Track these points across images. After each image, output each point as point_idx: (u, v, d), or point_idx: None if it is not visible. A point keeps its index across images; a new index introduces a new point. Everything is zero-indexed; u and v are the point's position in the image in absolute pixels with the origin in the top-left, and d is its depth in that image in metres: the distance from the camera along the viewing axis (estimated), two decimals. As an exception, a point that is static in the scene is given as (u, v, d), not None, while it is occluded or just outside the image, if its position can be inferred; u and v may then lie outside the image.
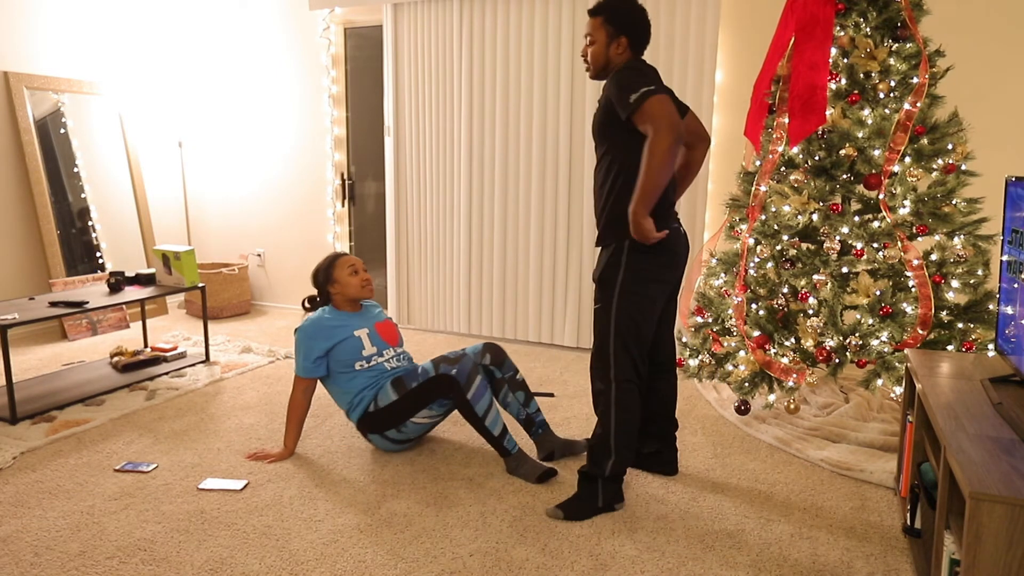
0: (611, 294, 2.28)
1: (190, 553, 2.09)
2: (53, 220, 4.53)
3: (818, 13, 2.75)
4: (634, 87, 2.09)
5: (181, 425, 3.06)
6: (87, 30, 4.76)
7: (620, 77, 2.16)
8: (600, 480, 2.31)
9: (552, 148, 4.15)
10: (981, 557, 1.39)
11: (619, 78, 2.16)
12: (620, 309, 2.27)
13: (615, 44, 2.26)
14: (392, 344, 2.82)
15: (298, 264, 5.23)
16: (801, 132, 2.76)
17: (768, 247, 2.97)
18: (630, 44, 2.26)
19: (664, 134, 2.02)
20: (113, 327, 4.68)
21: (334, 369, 2.71)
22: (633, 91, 2.08)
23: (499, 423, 2.57)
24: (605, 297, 2.30)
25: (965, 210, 2.78)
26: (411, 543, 2.15)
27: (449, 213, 4.54)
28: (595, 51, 2.29)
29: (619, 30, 2.25)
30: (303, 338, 2.70)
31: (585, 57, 2.33)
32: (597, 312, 2.33)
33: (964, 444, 1.58)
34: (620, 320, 2.27)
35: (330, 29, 4.81)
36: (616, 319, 2.27)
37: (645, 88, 2.07)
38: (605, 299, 2.29)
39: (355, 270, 2.79)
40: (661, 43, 3.79)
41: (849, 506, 2.40)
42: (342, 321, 2.75)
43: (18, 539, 2.16)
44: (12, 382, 3.07)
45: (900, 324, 2.75)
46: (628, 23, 2.25)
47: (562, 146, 4.11)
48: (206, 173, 5.42)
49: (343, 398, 2.74)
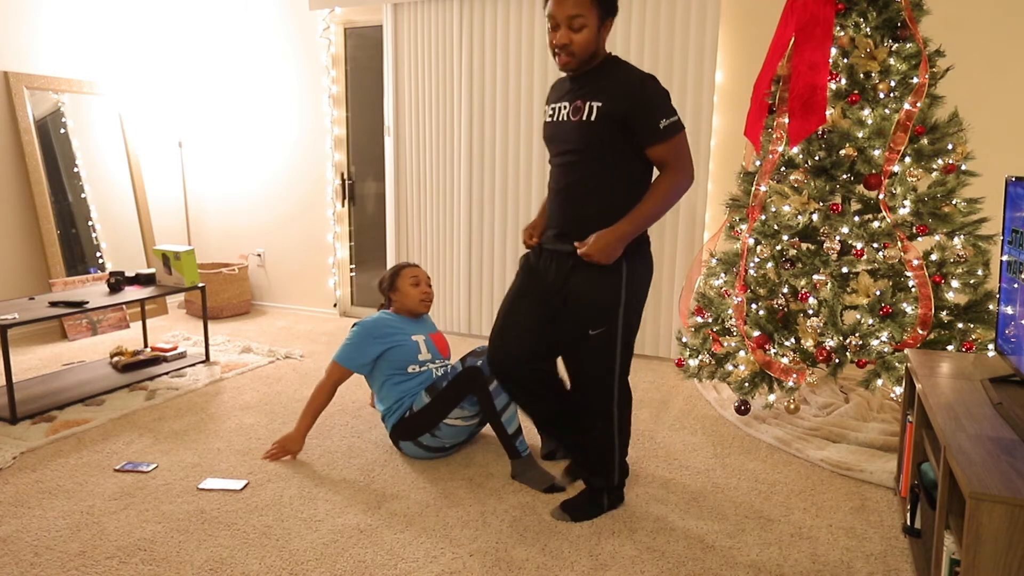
0: (615, 318, 2.09)
1: (190, 553, 2.09)
2: (53, 220, 4.53)
3: (818, 13, 2.75)
4: (667, 112, 1.89)
5: (181, 425, 3.06)
6: (87, 30, 4.76)
7: (651, 94, 1.90)
8: (607, 490, 2.31)
9: (552, 148, 4.14)
10: (981, 557, 1.39)
11: (651, 95, 1.90)
12: (625, 336, 2.12)
13: (605, 29, 1.96)
14: (444, 356, 2.84)
15: (298, 264, 5.23)
16: (801, 132, 2.76)
17: (768, 247, 2.97)
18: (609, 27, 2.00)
19: (682, 178, 1.93)
20: (113, 327, 4.68)
21: (386, 369, 2.72)
22: (665, 116, 1.88)
23: (515, 422, 2.56)
24: (608, 321, 2.09)
25: (965, 210, 2.78)
26: (411, 543, 2.15)
27: (449, 213, 4.54)
28: (586, 38, 1.92)
29: (609, 11, 1.94)
30: (361, 332, 2.71)
31: (563, 47, 1.94)
32: (596, 339, 2.10)
33: (964, 444, 1.58)
34: (625, 348, 2.14)
35: (330, 29, 4.81)
36: (622, 346, 2.13)
37: (677, 117, 1.91)
38: (608, 323, 2.09)
39: (416, 282, 2.81)
40: (661, 43, 3.79)
41: (849, 506, 2.40)
42: (402, 325, 2.77)
43: (18, 539, 2.16)
44: (12, 382, 3.07)
45: (900, 324, 2.75)
46: (615, 3, 1.97)
47: (562, 146, 4.11)
48: (206, 173, 5.42)
49: (387, 399, 2.74)
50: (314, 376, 3.75)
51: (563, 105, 2.07)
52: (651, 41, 3.81)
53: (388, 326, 2.74)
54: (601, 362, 2.14)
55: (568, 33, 1.91)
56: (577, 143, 2.01)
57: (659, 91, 1.92)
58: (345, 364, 2.70)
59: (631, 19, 3.84)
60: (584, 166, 2.02)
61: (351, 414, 3.19)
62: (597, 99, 1.95)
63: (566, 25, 1.91)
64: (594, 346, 2.12)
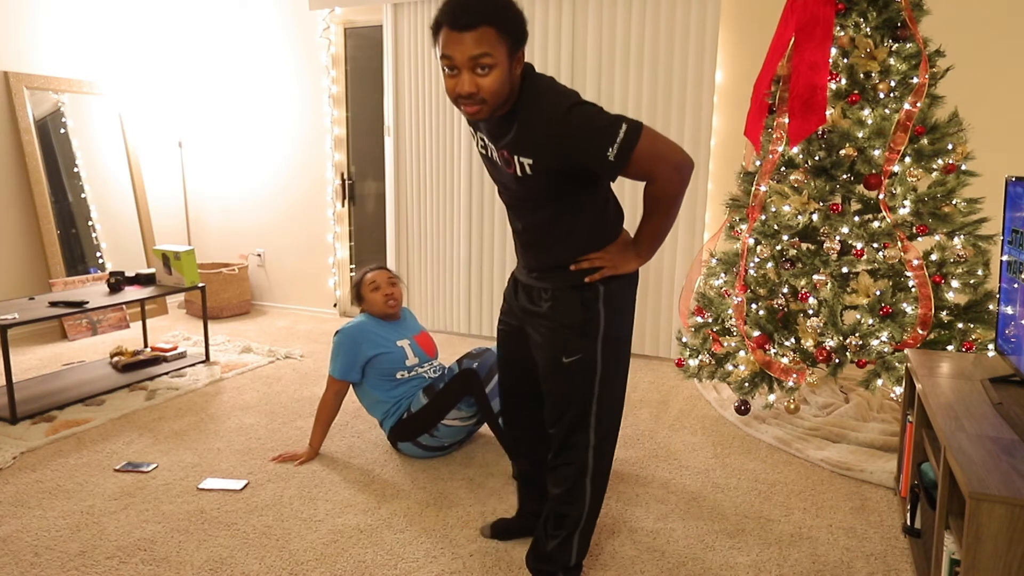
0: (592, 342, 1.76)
1: (190, 553, 2.09)
2: (53, 220, 4.53)
3: (818, 13, 2.75)
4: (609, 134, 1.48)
5: (181, 425, 3.06)
6: (87, 30, 4.76)
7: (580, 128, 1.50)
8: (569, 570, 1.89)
9: (552, 148, 4.14)
10: (981, 557, 1.39)
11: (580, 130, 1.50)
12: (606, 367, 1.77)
13: (516, 63, 1.54)
14: (431, 356, 2.83)
15: (298, 264, 5.23)
16: (801, 132, 2.75)
17: (768, 247, 2.97)
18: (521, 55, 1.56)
19: (675, 171, 1.53)
20: (113, 327, 4.68)
21: (374, 377, 2.70)
22: (609, 143, 1.48)
23: None
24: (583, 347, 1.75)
25: (965, 210, 2.78)
26: (411, 543, 2.15)
27: (449, 213, 4.54)
28: (497, 80, 1.49)
29: (520, 39, 1.52)
30: (345, 341, 2.69)
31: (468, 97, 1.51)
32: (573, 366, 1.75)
33: (964, 444, 1.58)
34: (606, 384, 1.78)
35: (330, 29, 4.81)
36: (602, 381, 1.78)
37: (622, 133, 1.48)
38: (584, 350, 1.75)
39: (376, 287, 2.79)
40: (661, 43, 3.80)
41: (849, 506, 2.40)
42: (384, 331, 2.75)
43: (18, 539, 2.16)
44: (12, 382, 3.07)
45: (900, 324, 2.75)
46: (523, 31, 1.53)
47: (562, 146, 4.10)
48: (206, 173, 5.42)
49: (379, 407, 2.73)
50: (314, 376, 3.75)
51: (490, 146, 1.69)
52: (651, 41, 3.81)
53: (371, 331, 2.72)
54: (571, 402, 1.77)
55: (473, 79, 1.49)
56: (520, 192, 1.69)
57: (587, 118, 1.51)
58: (343, 377, 2.69)
59: (631, 19, 3.84)
60: (538, 211, 1.71)
61: (351, 414, 3.19)
62: (524, 155, 1.59)
63: (469, 69, 1.48)
64: (562, 378, 1.77)
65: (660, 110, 3.85)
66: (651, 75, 3.84)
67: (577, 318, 1.74)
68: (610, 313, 1.75)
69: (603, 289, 1.74)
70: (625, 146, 1.49)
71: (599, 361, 1.76)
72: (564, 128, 1.52)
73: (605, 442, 1.82)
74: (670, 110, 3.84)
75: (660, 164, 1.53)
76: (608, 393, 1.80)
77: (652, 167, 1.53)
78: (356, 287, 2.84)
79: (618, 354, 1.81)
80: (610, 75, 3.94)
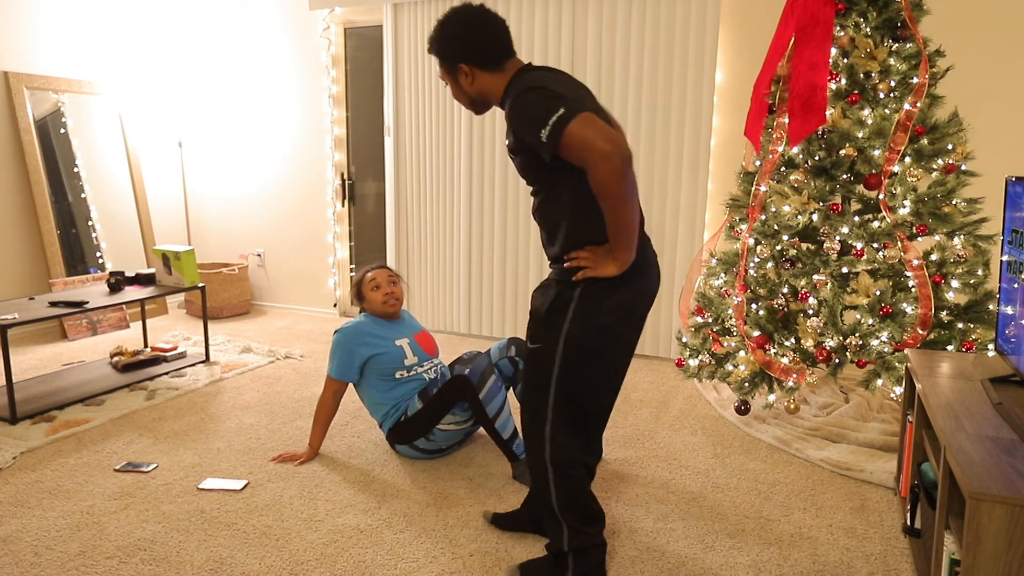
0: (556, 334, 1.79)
1: (190, 553, 2.09)
2: (53, 220, 4.53)
3: (818, 13, 2.75)
4: (540, 121, 1.60)
5: (181, 425, 3.06)
6: (87, 30, 4.76)
7: (516, 113, 1.68)
8: (568, 554, 1.91)
9: (552, 148, 4.14)
10: (981, 557, 1.39)
11: (518, 110, 1.67)
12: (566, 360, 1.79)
13: (462, 76, 1.83)
14: (431, 355, 2.82)
15: (298, 264, 5.23)
16: (801, 132, 2.76)
17: (768, 247, 2.97)
18: (478, 66, 1.80)
19: (603, 161, 1.55)
20: (113, 327, 4.68)
21: (373, 377, 2.70)
22: (541, 126, 1.60)
23: (510, 426, 2.55)
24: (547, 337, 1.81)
25: (965, 210, 2.78)
26: (411, 543, 2.15)
27: (449, 213, 4.54)
28: (453, 93, 1.89)
29: (454, 60, 1.82)
30: (343, 341, 2.68)
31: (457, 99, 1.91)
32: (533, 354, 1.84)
33: (964, 444, 1.58)
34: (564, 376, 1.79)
35: (330, 29, 4.81)
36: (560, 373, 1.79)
37: (555, 116, 1.58)
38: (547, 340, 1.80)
39: (376, 285, 2.78)
40: (661, 43, 3.79)
41: (849, 506, 2.40)
42: (383, 330, 2.75)
43: (18, 539, 2.16)
44: (12, 382, 3.07)
45: (900, 324, 2.75)
46: (456, 49, 1.81)
47: (562, 146, 4.11)
48: (206, 173, 5.42)
49: (379, 408, 2.72)
50: (314, 376, 3.75)
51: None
52: (651, 41, 3.81)
53: (369, 333, 2.71)
54: (532, 388, 1.84)
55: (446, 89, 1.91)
56: (519, 173, 1.89)
57: (525, 104, 1.66)
58: (340, 377, 2.69)
59: (631, 19, 3.84)
60: (534, 196, 1.87)
61: (351, 414, 3.19)
62: (507, 134, 1.82)
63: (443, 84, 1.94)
64: (528, 366, 1.86)
65: (660, 110, 3.85)
66: (651, 75, 3.84)
67: (545, 309, 1.81)
68: (579, 315, 1.77)
69: (580, 290, 1.77)
70: (555, 129, 1.58)
71: (557, 358, 1.79)
72: (514, 109, 1.69)
73: (560, 441, 1.83)
74: (670, 110, 3.84)
75: (588, 152, 1.57)
76: (565, 393, 1.80)
77: (581, 154, 1.58)
78: (356, 286, 2.83)
79: (583, 360, 1.79)
80: (610, 75, 3.94)
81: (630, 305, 1.80)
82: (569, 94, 1.65)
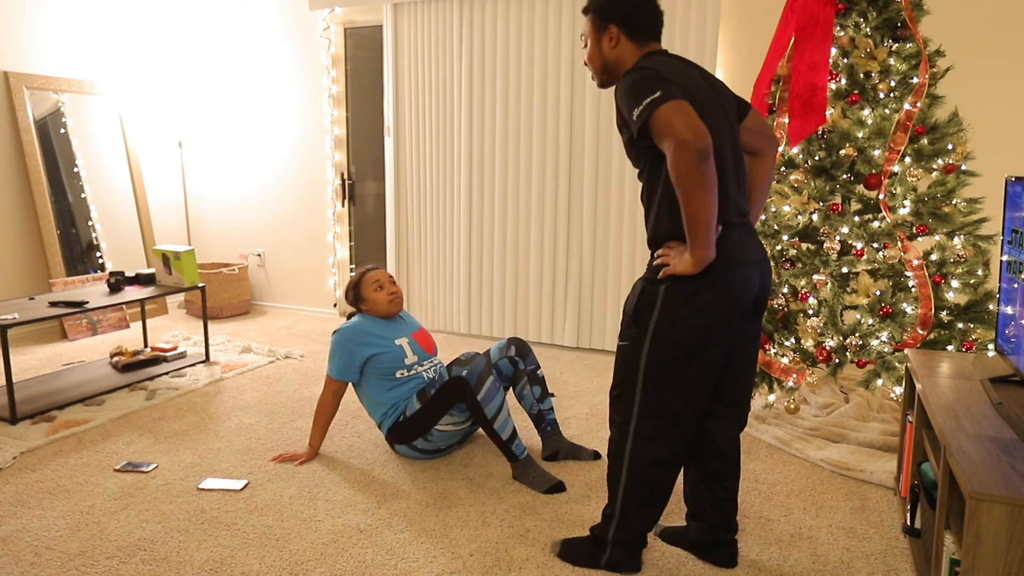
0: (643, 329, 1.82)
1: (190, 553, 2.09)
2: (53, 220, 4.53)
3: (818, 13, 2.75)
4: (637, 99, 1.65)
5: (181, 425, 3.06)
6: (87, 30, 4.76)
7: (621, 89, 1.74)
8: (609, 542, 1.98)
9: (552, 148, 4.15)
10: (981, 557, 1.39)
11: (621, 90, 1.74)
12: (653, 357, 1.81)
13: (607, 38, 1.86)
14: (430, 353, 2.82)
15: (298, 264, 5.23)
16: (801, 132, 2.76)
17: (768, 247, 2.97)
18: (626, 32, 1.84)
19: (678, 151, 1.57)
20: (113, 327, 4.68)
21: (373, 377, 2.69)
22: (636, 104, 1.65)
23: (509, 426, 2.55)
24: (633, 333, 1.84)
25: (965, 210, 2.78)
26: (411, 543, 2.15)
27: (449, 213, 4.54)
28: (589, 53, 1.91)
29: (606, 19, 1.85)
30: (342, 342, 2.68)
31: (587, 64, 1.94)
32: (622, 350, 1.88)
33: (964, 444, 1.58)
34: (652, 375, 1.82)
35: (330, 29, 4.81)
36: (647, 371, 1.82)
37: (650, 98, 1.62)
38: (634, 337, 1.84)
39: (379, 286, 2.77)
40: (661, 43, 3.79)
41: (849, 506, 2.40)
42: (382, 330, 2.74)
43: (18, 539, 2.16)
44: (12, 382, 3.07)
45: (900, 324, 2.75)
46: (613, 7, 1.85)
47: (562, 145, 4.11)
48: (206, 173, 5.42)
49: (378, 408, 2.72)
50: (314, 376, 3.75)
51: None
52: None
53: (368, 332, 2.71)
54: (619, 383, 1.88)
55: (584, 51, 1.94)
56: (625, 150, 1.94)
57: (630, 81, 1.71)
58: (341, 377, 2.69)
59: (631, 19, 3.84)
60: (640, 176, 1.88)
61: (351, 414, 3.19)
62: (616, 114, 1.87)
63: (583, 43, 1.94)
64: (617, 363, 1.89)
65: (660, 110, 3.85)
66: (651, 75, 3.83)
67: (632, 306, 1.83)
68: (666, 313, 1.77)
69: (664, 288, 1.77)
70: (647, 109, 1.63)
71: (644, 355, 1.81)
72: (621, 84, 1.74)
73: (644, 439, 1.85)
74: (670, 110, 3.83)
75: (667, 137, 1.59)
76: (653, 393, 1.82)
77: (661, 138, 1.62)
78: (355, 287, 2.81)
79: (670, 360, 1.79)
80: (610, 75, 3.93)
81: (722, 306, 1.75)
82: (676, 81, 1.67)
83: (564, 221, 4.19)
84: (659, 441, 1.85)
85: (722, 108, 1.83)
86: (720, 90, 1.87)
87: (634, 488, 1.90)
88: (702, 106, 1.70)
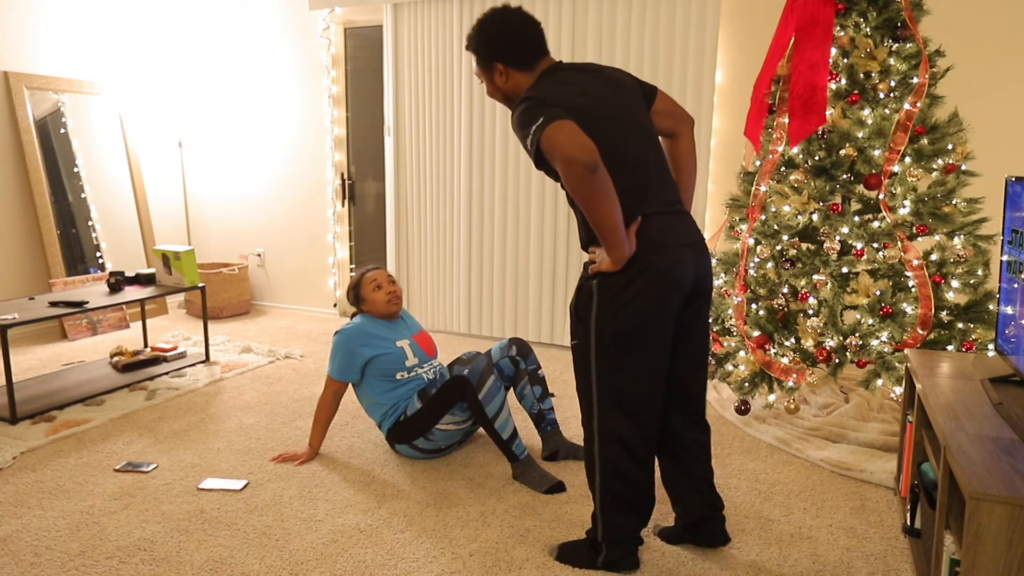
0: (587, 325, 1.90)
1: (190, 553, 2.09)
2: (53, 220, 4.53)
3: (818, 13, 2.75)
4: (525, 129, 1.74)
5: (181, 425, 3.06)
6: (87, 30, 4.76)
7: (513, 122, 1.82)
8: (603, 543, 2.00)
9: (552, 148, 4.14)
10: (981, 557, 1.39)
11: (513, 123, 1.82)
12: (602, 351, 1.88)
13: (496, 75, 1.96)
14: (430, 355, 2.82)
15: (298, 264, 5.23)
16: (801, 132, 2.76)
17: (768, 247, 2.97)
18: (511, 66, 1.93)
19: (567, 167, 1.65)
20: (113, 327, 4.68)
21: (373, 378, 2.69)
22: (526, 135, 1.74)
23: (509, 426, 2.55)
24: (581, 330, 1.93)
25: (965, 210, 2.78)
26: (411, 543, 2.15)
27: (449, 213, 4.54)
28: (488, 90, 2.03)
29: (489, 60, 1.96)
30: (344, 342, 2.68)
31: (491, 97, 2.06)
32: (574, 350, 1.97)
33: (964, 444, 1.58)
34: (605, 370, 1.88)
35: (330, 29, 4.81)
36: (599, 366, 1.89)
37: (535, 125, 1.70)
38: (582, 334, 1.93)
39: (378, 285, 2.77)
40: (661, 43, 3.79)
41: (849, 506, 2.40)
42: (383, 331, 2.74)
43: (18, 539, 2.16)
44: (12, 382, 3.07)
45: (900, 324, 2.75)
46: (491, 49, 1.95)
47: (562, 146, 4.11)
48: (206, 173, 5.42)
49: (377, 409, 2.72)
50: (314, 376, 3.75)
51: None
52: (651, 41, 3.81)
53: (370, 334, 2.70)
54: (579, 381, 1.97)
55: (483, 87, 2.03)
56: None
57: (518, 113, 1.79)
58: (341, 378, 2.69)
59: (631, 19, 3.85)
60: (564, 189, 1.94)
61: (351, 414, 3.19)
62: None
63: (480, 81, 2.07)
64: (574, 363, 1.99)
65: (660, 110, 3.85)
66: (651, 75, 3.84)
67: (574, 304, 1.94)
68: (602, 304, 1.85)
69: (596, 283, 1.86)
70: (534, 137, 1.72)
71: (592, 350, 1.89)
72: (512, 120, 1.83)
73: (607, 433, 1.91)
74: (670, 110, 3.84)
75: (556, 158, 1.68)
76: (606, 385, 1.89)
77: (552, 159, 1.71)
78: (355, 288, 2.81)
79: (617, 348, 1.86)
80: (610, 75, 3.93)
81: (654, 289, 1.82)
82: (559, 102, 1.75)
83: (564, 220, 4.19)
84: (621, 432, 1.90)
85: (624, 107, 1.88)
86: (620, 86, 1.92)
87: (609, 484, 1.94)
88: (595, 117, 1.79)
